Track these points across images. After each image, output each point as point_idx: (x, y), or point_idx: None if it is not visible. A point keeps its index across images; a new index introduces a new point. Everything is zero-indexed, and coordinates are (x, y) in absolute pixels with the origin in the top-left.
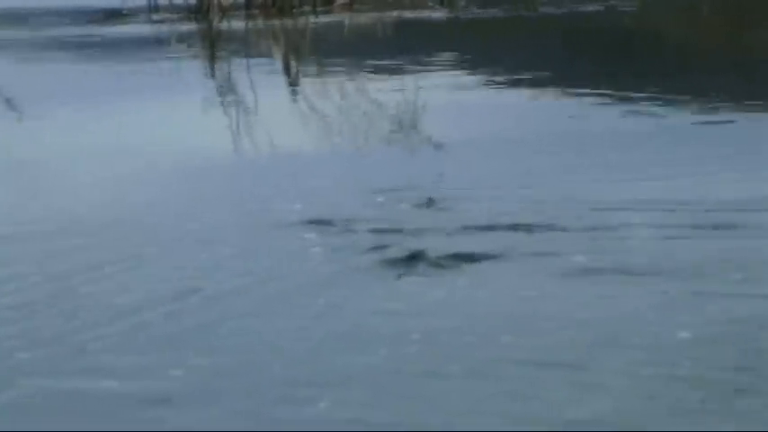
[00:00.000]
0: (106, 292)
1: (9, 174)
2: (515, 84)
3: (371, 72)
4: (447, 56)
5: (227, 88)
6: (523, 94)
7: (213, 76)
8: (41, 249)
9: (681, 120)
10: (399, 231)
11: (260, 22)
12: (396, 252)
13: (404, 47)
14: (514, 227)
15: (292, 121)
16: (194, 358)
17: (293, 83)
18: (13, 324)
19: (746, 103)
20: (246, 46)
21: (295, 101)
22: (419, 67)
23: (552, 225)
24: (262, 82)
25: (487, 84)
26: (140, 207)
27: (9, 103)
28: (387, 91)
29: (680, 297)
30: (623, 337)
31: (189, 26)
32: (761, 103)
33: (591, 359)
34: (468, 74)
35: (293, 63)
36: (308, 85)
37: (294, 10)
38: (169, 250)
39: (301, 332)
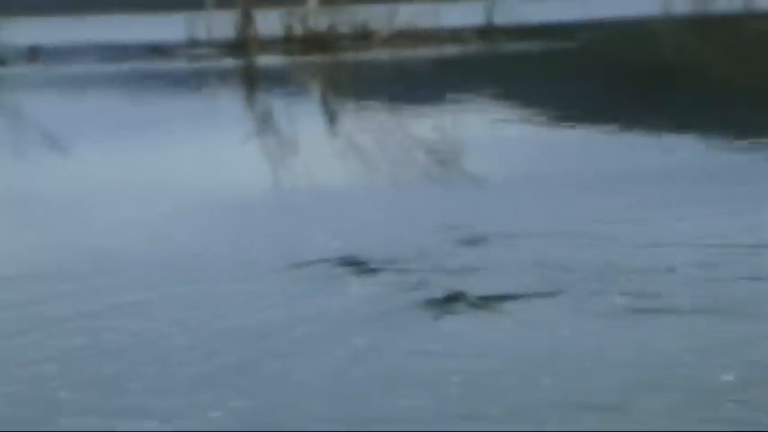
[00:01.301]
0: (144, 332)
1: (48, 211)
2: (553, 119)
3: (410, 107)
4: (486, 91)
5: (265, 124)
6: (562, 129)
7: (251, 111)
8: (79, 288)
9: (722, 156)
10: (440, 270)
11: (298, 58)
12: (436, 292)
13: (442, 82)
14: (555, 266)
15: (331, 156)
16: (233, 399)
17: (332, 118)
18: (53, 363)
19: None
20: (285, 81)
21: (334, 136)
22: (458, 103)
23: (593, 264)
24: (300, 117)
25: (526, 119)
26: (178, 245)
27: (50, 138)
28: (426, 127)
29: (723, 339)
30: (665, 378)
31: (228, 61)
32: None
33: (631, 401)
34: (507, 109)
35: (332, 98)
36: (346, 120)
37: (333, 45)
38: (207, 288)
39: (340, 373)
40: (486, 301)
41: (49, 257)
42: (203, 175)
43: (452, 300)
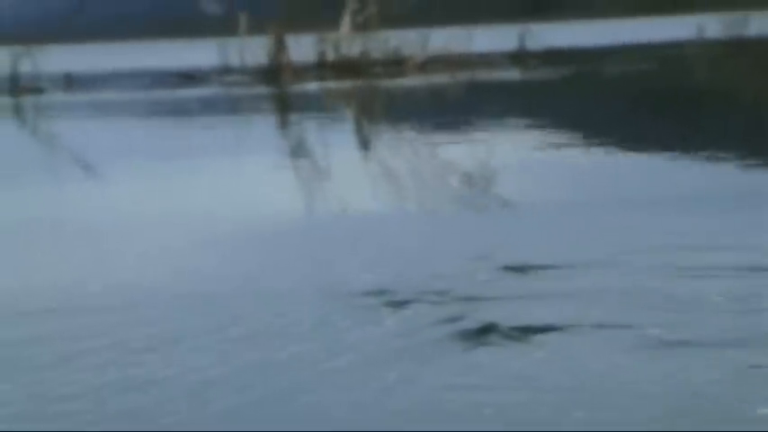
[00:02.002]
0: (175, 365)
1: (78, 242)
2: (587, 144)
3: (444, 134)
4: (519, 116)
5: (298, 151)
6: (595, 154)
7: (284, 138)
8: (108, 322)
9: (756, 182)
10: (473, 301)
11: (332, 84)
12: (469, 323)
13: (476, 108)
14: (588, 295)
15: (364, 184)
16: None
17: (365, 145)
18: (83, 398)
19: None
20: (318, 108)
21: (367, 164)
22: (491, 128)
23: (628, 294)
24: (333, 144)
25: (558, 144)
26: (208, 276)
27: (83, 167)
28: (460, 153)
29: (758, 371)
30: (699, 411)
31: (261, 88)
32: None
33: None
34: (540, 134)
35: (365, 125)
36: (380, 147)
37: (366, 71)
38: (237, 320)
39: (372, 407)
40: (520, 333)
41: (78, 291)
42: (235, 204)
43: (485, 331)
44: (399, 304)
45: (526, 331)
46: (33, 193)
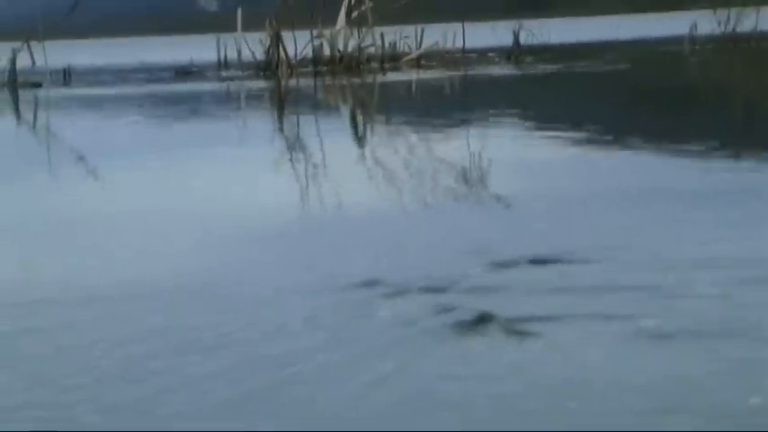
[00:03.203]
0: (172, 358)
1: (77, 235)
2: (580, 140)
3: (438, 129)
4: (513, 112)
5: (294, 146)
6: (588, 149)
7: (280, 133)
8: (106, 314)
9: (748, 176)
10: (469, 293)
11: (327, 79)
12: (465, 314)
13: (470, 103)
14: (584, 287)
15: (359, 179)
16: (260, 424)
17: (360, 140)
18: (81, 389)
19: None
20: (314, 103)
21: (362, 158)
22: (486, 124)
23: (622, 286)
24: (329, 139)
25: (552, 139)
26: (203, 271)
27: (80, 161)
28: (454, 148)
29: (752, 361)
30: (692, 402)
31: (257, 83)
32: None
33: (658, 425)
34: (534, 130)
35: (360, 120)
36: (375, 142)
37: (361, 67)
38: (234, 314)
39: (367, 397)
40: (515, 324)
41: (77, 283)
42: (231, 199)
43: (481, 322)
44: (395, 297)
45: (522, 322)
46: (31, 186)
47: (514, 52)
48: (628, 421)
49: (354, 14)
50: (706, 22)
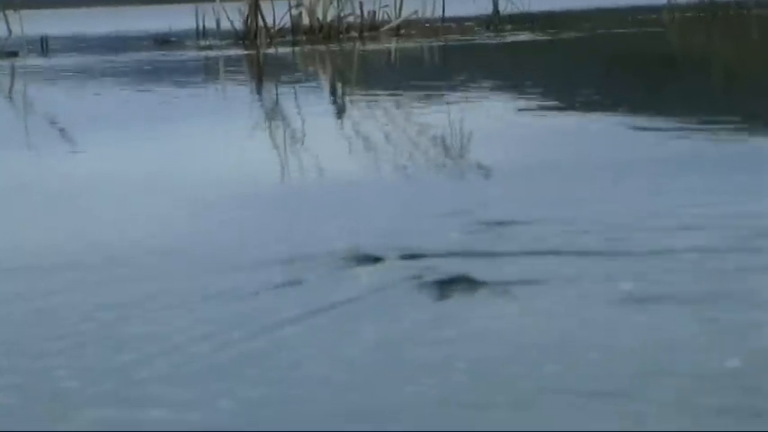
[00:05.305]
0: (153, 323)
1: (57, 203)
2: (560, 108)
3: (418, 98)
4: (492, 81)
5: (273, 115)
6: (567, 118)
7: (259, 102)
8: (88, 280)
9: (730, 145)
10: (447, 257)
11: (306, 48)
12: (443, 279)
13: (450, 72)
14: (561, 253)
15: (338, 147)
16: (242, 390)
17: (339, 109)
18: (62, 354)
19: None
20: (293, 72)
21: (341, 127)
22: (465, 93)
23: (600, 251)
24: (308, 108)
25: (532, 108)
26: (185, 238)
27: (59, 130)
28: (433, 116)
29: (730, 325)
30: (671, 365)
31: (236, 52)
32: None
33: (637, 389)
34: (514, 98)
35: (339, 89)
36: (354, 110)
37: (341, 35)
38: (216, 281)
39: (349, 363)
40: (493, 288)
41: (57, 249)
42: (209, 167)
43: (459, 287)
44: (374, 263)
45: (500, 286)
46: (9, 156)
47: (494, 21)
48: (608, 383)
49: None
50: None
